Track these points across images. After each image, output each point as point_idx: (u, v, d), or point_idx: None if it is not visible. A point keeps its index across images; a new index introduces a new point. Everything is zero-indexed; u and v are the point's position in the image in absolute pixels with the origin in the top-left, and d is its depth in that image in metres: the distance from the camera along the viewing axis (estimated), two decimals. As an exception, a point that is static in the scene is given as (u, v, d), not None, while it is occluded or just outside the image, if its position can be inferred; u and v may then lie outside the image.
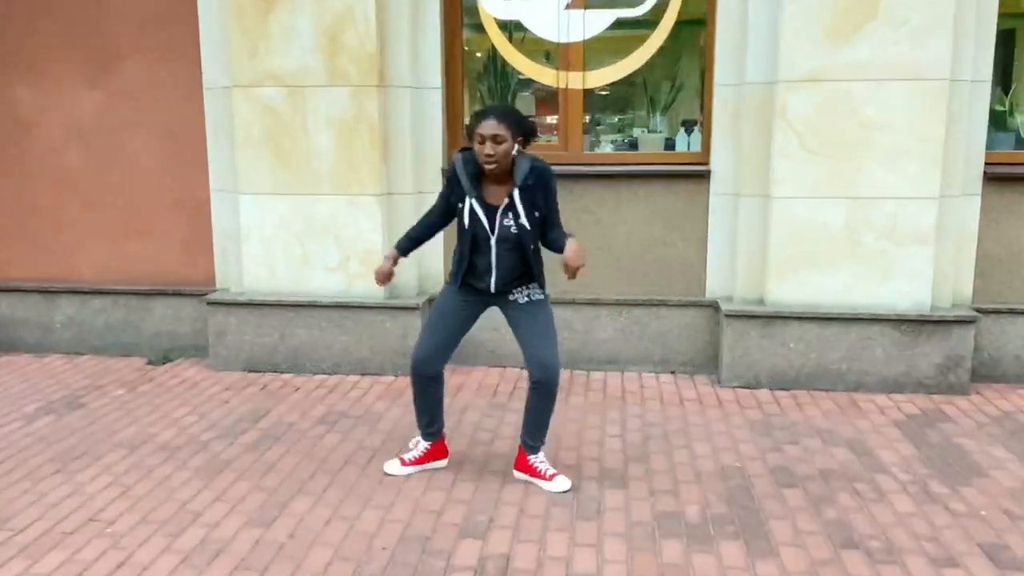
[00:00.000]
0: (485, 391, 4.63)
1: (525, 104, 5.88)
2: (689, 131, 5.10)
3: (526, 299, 3.32)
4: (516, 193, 3.19)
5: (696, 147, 4.99)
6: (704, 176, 4.82)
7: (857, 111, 4.37)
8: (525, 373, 4.90)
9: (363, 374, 4.93)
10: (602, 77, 5.03)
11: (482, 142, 3.11)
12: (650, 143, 5.19)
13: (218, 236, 5.21)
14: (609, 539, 2.98)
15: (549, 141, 5.45)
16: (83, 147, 5.25)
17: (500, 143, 3.10)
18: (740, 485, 3.42)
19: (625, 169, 4.88)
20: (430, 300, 5.01)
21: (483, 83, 5.45)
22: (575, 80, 4.93)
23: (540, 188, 3.21)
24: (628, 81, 5.17)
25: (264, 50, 4.69)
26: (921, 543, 2.95)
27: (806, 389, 4.63)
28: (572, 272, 3.13)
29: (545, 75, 5.09)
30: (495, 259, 3.25)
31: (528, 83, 5.44)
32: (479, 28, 5.06)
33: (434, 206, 3.41)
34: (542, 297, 3.35)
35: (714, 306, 4.87)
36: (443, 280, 4.99)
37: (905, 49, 4.28)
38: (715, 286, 4.91)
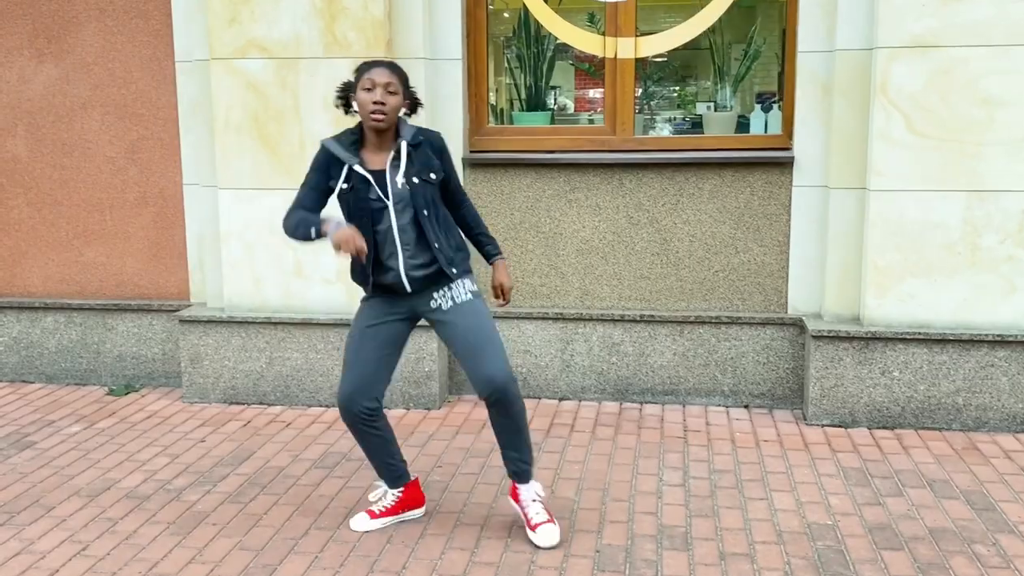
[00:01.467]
0: (516, 429, 4.67)
1: (564, 76, 5.94)
2: (767, 108, 5.12)
3: (449, 302, 3.41)
4: (403, 146, 3.33)
5: (775, 128, 5.00)
6: (786, 164, 4.83)
7: (976, 84, 4.36)
8: (566, 404, 4.97)
9: (367, 407, 4.98)
10: (659, 43, 5.06)
11: (371, 89, 3.25)
12: (718, 123, 5.22)
13: (192, 240, 5.31)
14: (669, 613, 3.00)
15: (592, 121, 5.50)
16: (31, 132, 5.39)
17: (393, 93, 3.28)
18: (831, 547, 3.42)
19: (687, 156, 4.90)
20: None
21: (512, 52, 5.51)
22: (626, 47, 4.96)
23: (432, 148, 3.40)
24: (690, 47, 5.20)
25: (248, 15, 4.79)
26: (1057, 622, 2.94)
27: (913, 428, 4.61)
28: (507, 294, 3.58)
29: (589, 41, 5.13)
30: (397, 232, 3.32)
31: (567, 51, 5.50)
32: (508, -16, 5.13)
33: (301, 201, 3.40)
34: (469, 297, 3.42)
35: (798, 325, 4.88)
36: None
37: (1036, 7, 4.28)
38: (799, 300, 4.91)
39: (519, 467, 3.49)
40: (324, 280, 4.97)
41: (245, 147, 4.91)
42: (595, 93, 6.00)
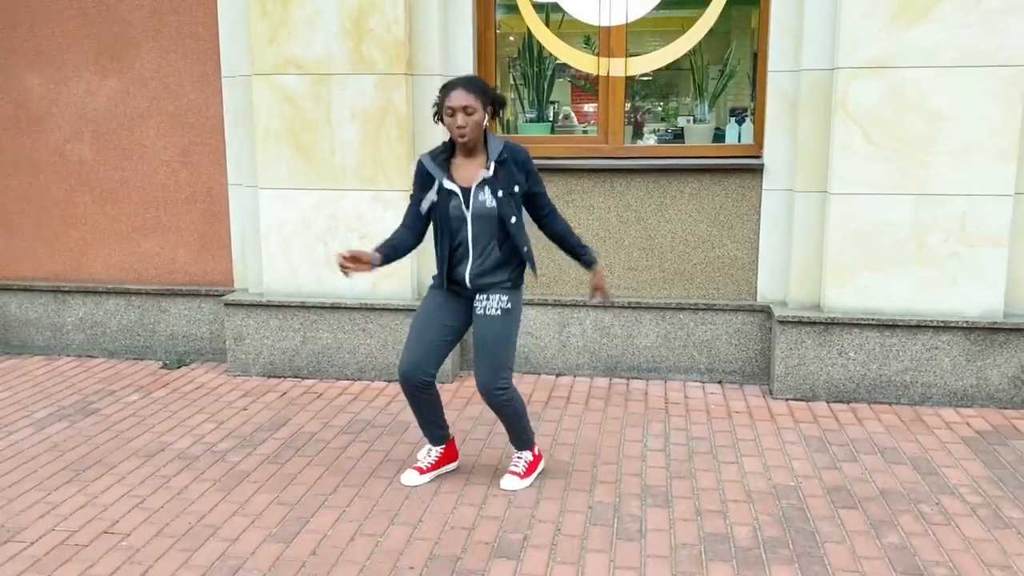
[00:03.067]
0: (518, 400, 4.66)
1: (562, 92, 5.91)
2: (740, 121, 5.09)
3: (482, 310, 3.38)
4: (492, 166, 3.29)
5: (748, 139, 4.98)
6: (756, 170, 4.81)
7: (925, 101, 4.34)
8: (562, 380, 4.96)
9: (389, 381, 4.99)
10: (646, 63, 5.04)
11: (452, 115, 3.23)
12: (698, 134, 5.19)
13: (236, 233, 5.30)
14: (652, 562, 3.00)
15: (585, 132, 5.48)
16: (95, 139, 5.38)
17: (471, 114, 3.23)
18: (794, 505, 3.42)
19: (670, 163, 4.88)
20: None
21: (517, 70, 5.49)
22: (617, 66, 4.94)
23: (516, 164, 3.33)
24: (673, 67, 5.18)
25: (286, 36, 4.77)
26: (992, 571, 2.93)
27: (866, 402, 4.61)
28: (605, 294, 3.52)
29: (584, 61, 5.11)
30: (471, 240, 3.32)
31: (566, 69, 5.48)
32: (514, 10, 5.10)
33: (406, 217, 3.44)
34: (497, 313, 3.36)
35: (766, 311, 4.86)
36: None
37: (979, 33, 4.24)
38: (767, 290, 4.90)
39: (517, 443, 3.64)
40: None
41: (282, 153, 4.89)
42: (589, 107, 5.97)
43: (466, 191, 3.31)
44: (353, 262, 3.25)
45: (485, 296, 3.39)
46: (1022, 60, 4.24)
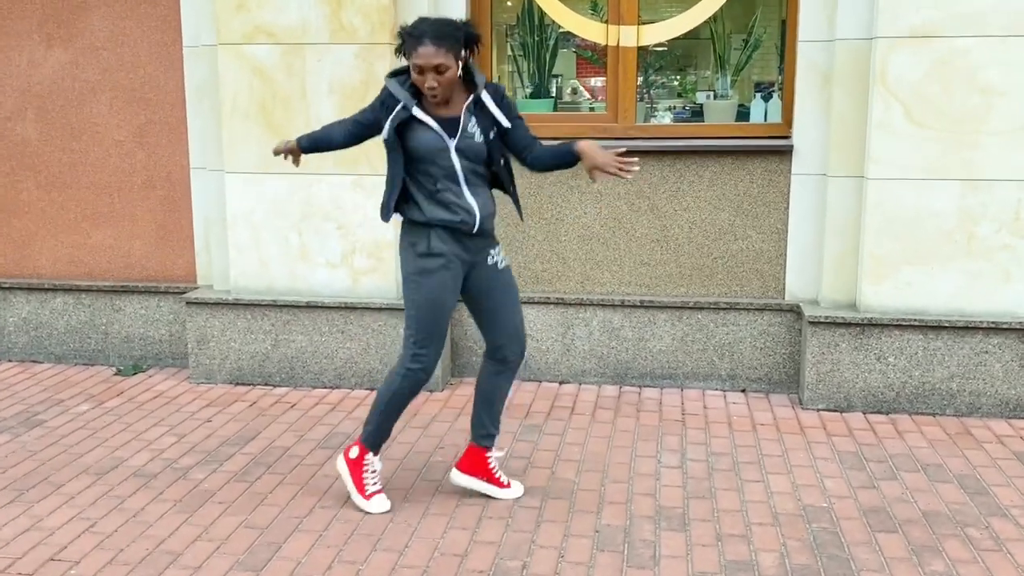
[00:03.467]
0: (516, 410, 4.67)
1: (566, 64, 5.91)
2: (766, 97, 5.10)
3: (504, 263, 3.51)
4: (484, 95, 3.30)
5: (775, 117, 4.98)
6: (785, 153, 4.81)
7: (975, 75, 4.34)
8: (566, 388, 4.97)
9: (372, 388, 4.99)
10: (661, 32, 5.04)
11: (421, 73, 3.18)
12: (718, 112, 5.20)
13: (199, 223, 5.30)
14: (667, 592, 3.00)
15: (593, 110, 5.48)
16: (39, 116, 5.37)
17: (443, 72, 3.17)
18: (826, 529, 3.42)
19: (688, 144, 4.88)
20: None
21: (516, 39, 5.49)
22: (628, 35, 4.94)
23: (493, 103, 3.33)
24: (691, 36, 5.18)
25: (255, 2, 4.76)
26: (1048, 604, 2.94)
27: (908, 413, 4.61)
28: (601, 168, 3.25)
29: (591, 29, 5.11)
30: (465, 180, 3.33)
31: (570, 39, 5.48)
32: (512, -27, 5.10)
33: (352, 119, 3.47)
34: (509, 264, 3.58)
35: (795, 311, 4.87)
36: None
37: (1034, -2, 4.25)
38: (796, 287, 4.91)
39: (491, 432, 3.64)
40: (329, 264, 4.96)
41: (252, 132, 4.89)
42: (596, 81, 5.97)
43: (447, 123, 3.28)
44: (291, 153, 3.51)
45: (495, 248, 3.50)
46: (1083, 29, 4.25)
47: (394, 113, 3.28)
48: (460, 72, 3.25)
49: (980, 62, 4.33)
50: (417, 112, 3.27)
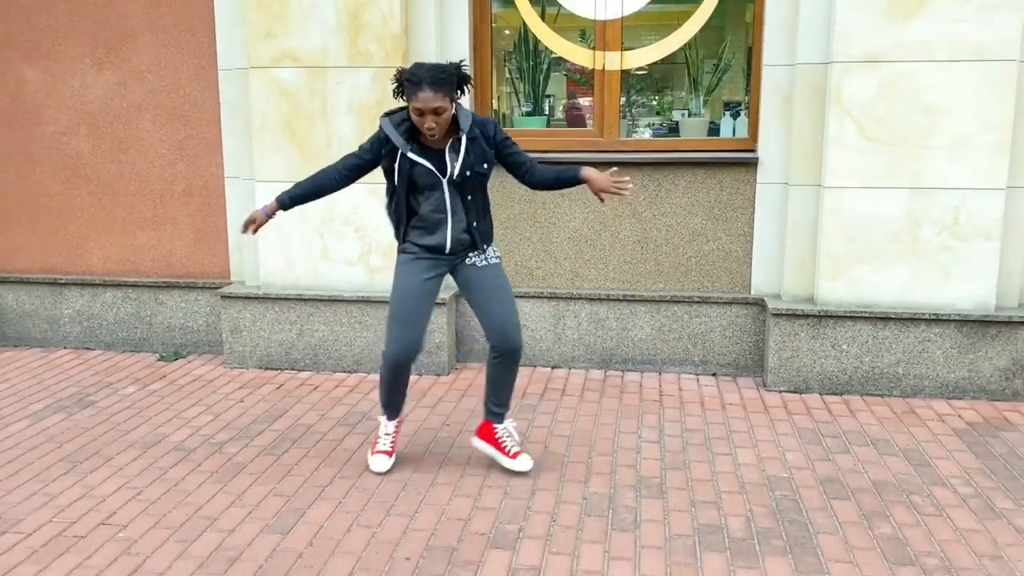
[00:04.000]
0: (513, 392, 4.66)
1: (557, 86, 5.90)
2: (735, 115, 5.09)
3: (484, 262, 3.44)
4: (463, 138, 3.27)
5: (742, 132, 4.97)
6: (751, 164, 4.81)
7: (919, 95, 4.34)
8: (557, 372, 4.96)
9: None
10: (642, 57, 5.03)
11: (420, 115, 3.15)
12: (692, 128, 5.19)
13: (232, 226, 5.29)
14: (647, 552, 3.00)
15: (575, 128, 5.46)
16: (92, 131, 5.35)
17: (441, 114, 3.15)
18: (787, 497, 3.42)
19: (665, 157, 4.87)
20: (457, 295, 5.06)
21: (513, 63, 5.47)
22: (612, 60, 4.93)
23: (486, 140, 3.31)
24: (668, 61, 5.17)
25: (282, 29, 4.75)
26: (983, 562, 2.94)
27: (859, 394, 4.62)
28: (618, 185, 3.35)
29: (580, 55, 5.10)
30: (449, 206, 3.33)
31: (561, 64, 5.46)
32: (510, 4, 5.09)
33: (343, 162, 3.41)
34: (496, 260, 3.48)
35: (760, 304, 4.87)
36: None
37: (972, 27, 4.24)
38: (761, 283, 4.90)
39: (501, 408, 3.60)
40: (347, 262, 4.96)
41: (279, 145, 4.88)
42: (584, 101, 5.96)
43: (436, 158, 3.28)
44: (253, 227, 3.40)
45: (474, 251, 3.44)
46: (1014, 54, 4.24)
47: (389, 152, 3.31)
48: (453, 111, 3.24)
49: (924, 84, 4.33)
50: (411, 155, 3.28)
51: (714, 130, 5.15)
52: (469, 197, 3.35)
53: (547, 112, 5.56)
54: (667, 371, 5.02)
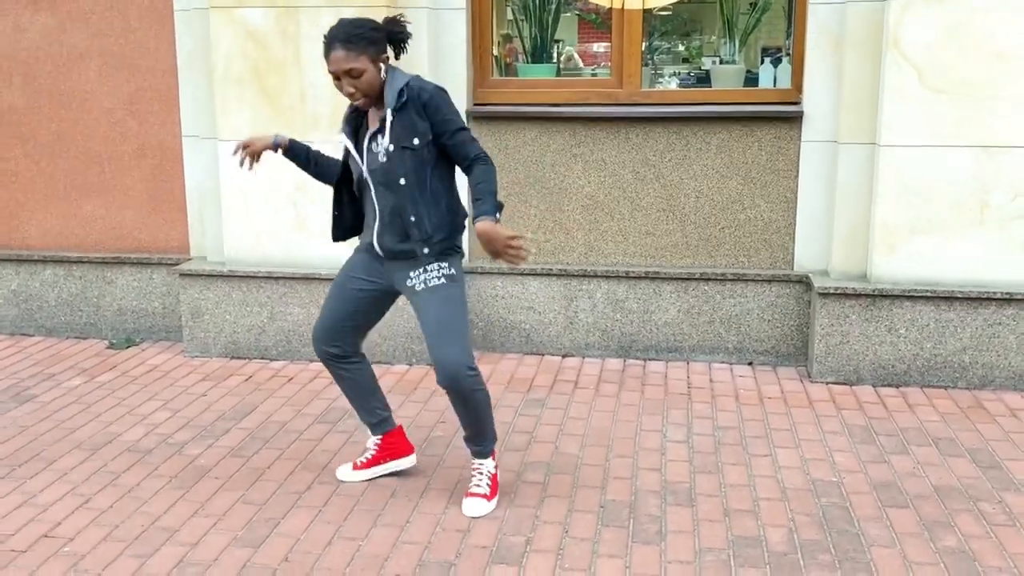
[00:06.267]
0: (518, 384, 4.67)
1: (568, 29, 5.87)
2: (775, 62, 5.06)
3: (421, 285, 3.24)
4: (389, 115, 3.14)
5: (784, 82, 4.95)
6: (794, 119, 4.79)
7: (992, 38, 4.30)
8: (570, 361, 4.97)
9: (370, 362, 4.98)
10: (667, -6, 5.00)
11: (336, 79, 3.11)
12: (726, 77, 5.16)
13: (192, 193, 5.28)
14: (674, 568, 3.01)
15: (595, 75, 5.43)
16: (27, 83, 5.33)
17: (358, 76, 3.08)
18: (836, 504, 3.43)
19: (695, 111, 4.85)
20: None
21: (518, 2, 5.44)
22: (633, -2, 4.91)
23: (416, 110, 3.13)
24: (698, -1, 5.14)
25: (248, -38, 4.72)
26: (1062, 579, 2.95)
27: (919, 386, 4.62)
28: (496, 254, 3.05)
29: (595, -8, 5.06)
30: (375, 199, 3.25)
31: (575, 2, 5.43)
32: (513, -67, 5.05)
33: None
34: (440, 281, 3.23)
35: (804, 282, 4.86)
36: (465, 259, 5.04)
37: (1053, -42, 4.21)
38: (806, 258, 4.90)
39: (475, 446, 3.42)
40: (325, 235, 4.94)
41: (245, 98, 4.86)
42: (599, 47, 5.93)
43: (359, 144, 3.25)
44: (252, 152, 3.32)
45: (418, 269, 3.24)
46: (1104, -10, 4.21)
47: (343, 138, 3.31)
48: (384, 73, 3.14)
49: (998, 25, 4.29)
50: (341, 136, 3.26)
51: (751, 80, 5.12)
52: (402, 182, 3.16)
53: (556, 59, 5.54)
54: (696, 360, 5.02)
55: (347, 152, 3.29)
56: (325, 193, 4.88)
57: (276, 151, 3.38)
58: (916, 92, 4.41)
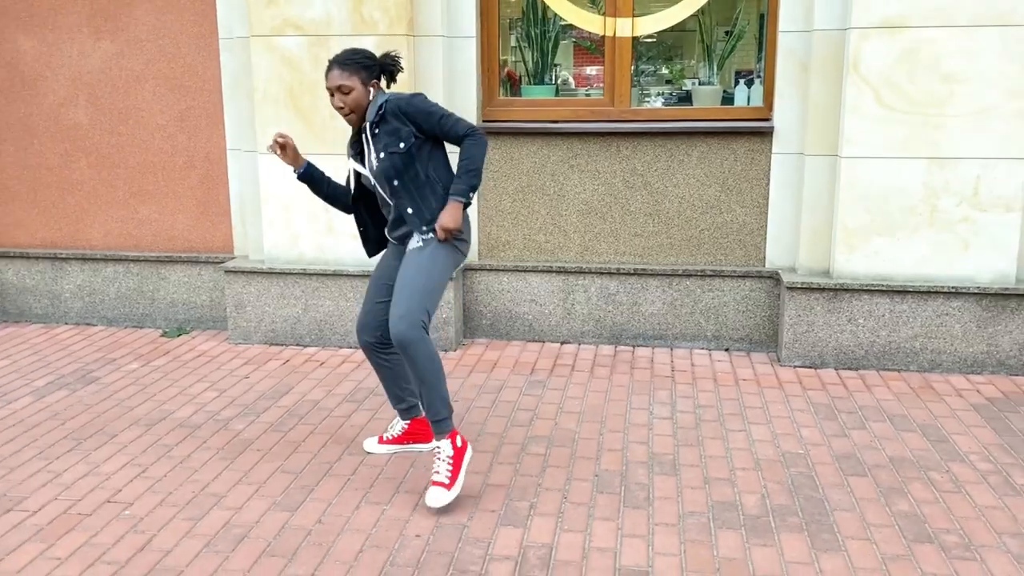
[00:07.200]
0: (522, 368, 4.66)
1: (564, 54, 5.84)
2: (748, 84, 5.03)
3: (409, 247, 3.25)
4: (367, 129, 3.20)
5: (757, 101, 4.92)
6: (766, 133, 4.76)
7: (939, 62, 4.28)
8: (567, 348, 4.96)
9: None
10: (653, 23, 4.97)
11: (332, 94, 3.19)
12: (705, 96, 5.13)
13: (235, 199, 5.27)
14: (660, 530, 3.00)
15: (589, 95, 5.41)
16: (90, 102, 5.32)
17: (347, 93, 3.15)
18: (803, 473, 3.42)
19: (678, 126, 4.83)
20: (463, 270, 5.04)
21: (521, 31, 5.42)
22: (623, 27, 4.87)
23: (396, 116, 3.14)
24: (679, 29, 5.11)
25: (284, -4, 4.70)
26: (1002, 538, 2.93)
27: (876, 369, 4.60)
28: (440, 232, 3.13)
29: (590, 21, 5.04)
30: (385, 197, 3.28)
31: (571, 30, 5.40)
32: (518, -30, 5.03)
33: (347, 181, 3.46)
34: (418, 245, 3.20)
35: (775, 278, 4.84)
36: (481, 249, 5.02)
37: (995, -9, 4.18)
38: (776, 256, 4.87)
39: (431, 423, 3.17)
40: (353, 236, 4.94)
41: (281, 116, 4.85)
42: (592, 70, 5.90)
43: (361, 160, 3.30)
44: (282, 148, 3.28)
45: (416, 238, 3.22)
46: (1039, 19, 4.18)
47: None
48: (372, 95, 3.19)
49: (945, 51, 4.27)
50: (350, 162, 3.33)
51: (727, 99, 5.10)
52: (396, 182, 3.17)
53: (555, 81, 5.51)
54: (679, 346, 5.01)
55: (356, 172, 3.34)
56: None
57: (292, 167, 3.39)
58: (873, 110, 4.38)
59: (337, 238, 4.95)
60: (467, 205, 3.18)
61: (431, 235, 3.21)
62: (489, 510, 3.14)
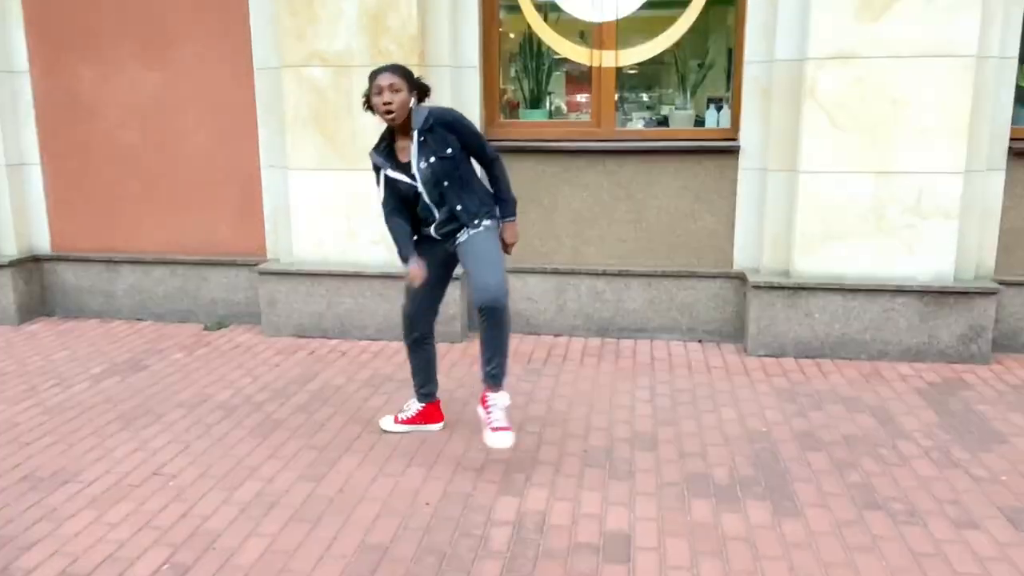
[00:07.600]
0: (520, 357, 4.64)
1: (557, 82, 5.83)
2: (718, 108, 5.01)
3: (466, 236, 3.21)
4: (415, 136, 3.12)
5: (726, 123, 4.90)
6: (733, 152, 4.74)
7: (887, 89, 4.26)
8: (560, 340, 4.93)
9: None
10: (634, 55, 4.95)
11: (379, 92, 3.08)
12: (680, 120, 5.12)
13: (268, 209, 5.25)
14: (641, 499, 2.98)
15: (579, 118, 5.40)
16: (142, 125, 5.30)
17: (397, 91, 3.06)
18: (766, 449, 3.40)
19: (657, 145, 4.81)
20: (468, 271, 5.02)
21: (519, 62, 5.40)
22: (608, 58, 4.86)
23: (443, 126, 3.13)
24: (658, 60, 5.09)
25: (312, 32, 4.68)
26: (943, 505, 2.91)
27: (830, 358, 4.57)
28: (507, 249, 3.29)
29: (579, 54, 5.02)
30: (430, 204, 3.19)
31: (562, 62, 5.38)
32: (516, 9, 5.01)
33: (392, 212, 3.27)
34: (482, 228, 3.21)
35: (741, 278, 4.82)
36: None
37: (934, 27, 4.16)
38: (742, 259, 4.85)
39: (495, 372, 3.14)
40: (371, 241, 4.91)
41: (309, 137, 4.83)
42: (581, 97, 5.89)
43: (407, 166, 3.17)
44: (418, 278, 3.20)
45: (463, 231, 3.21)
46: (971, 51, 4.17)
47: (379, 175, 3.24)
48: (412, 104, 3.13)
49: (891, 79, 4.25)
50: (390, 172, 3.18)
51: (700, 122, 5.08)
52: (446, 183, 3.14)
53: (548, 106, 5.49)
54: (658, 338, 4.98)
55: (393, 182, 3.20)
56: (370, 209, 4.84)
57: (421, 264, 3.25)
58: (828, 130, 4.36)
59: (357, 242, 4.93)
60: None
61: (489, 222, 3.23)
62: (491, 481, 3.12)
